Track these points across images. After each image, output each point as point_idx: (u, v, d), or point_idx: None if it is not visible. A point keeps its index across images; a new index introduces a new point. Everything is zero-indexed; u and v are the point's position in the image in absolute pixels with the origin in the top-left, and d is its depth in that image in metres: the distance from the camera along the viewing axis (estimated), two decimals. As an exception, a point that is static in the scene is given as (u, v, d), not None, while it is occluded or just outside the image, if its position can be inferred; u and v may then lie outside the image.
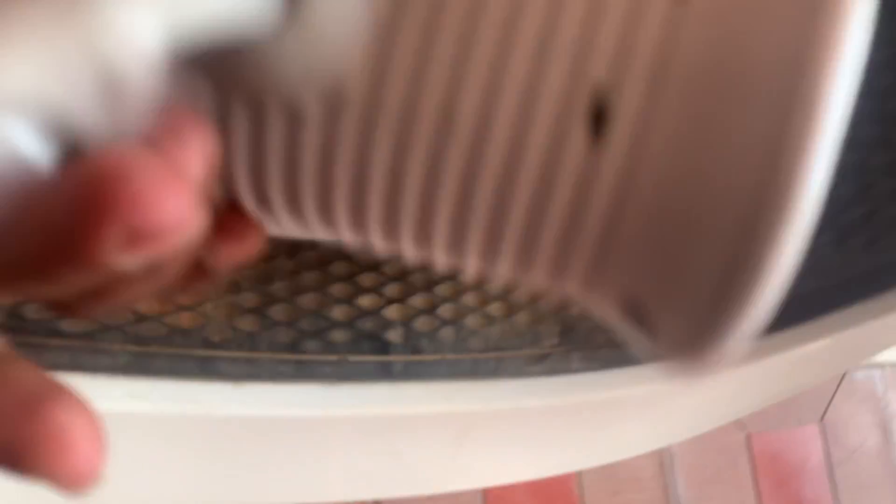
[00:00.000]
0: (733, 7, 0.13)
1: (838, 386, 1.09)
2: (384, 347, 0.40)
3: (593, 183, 0.13)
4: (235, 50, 0.11)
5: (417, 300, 0.40)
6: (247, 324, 0.38)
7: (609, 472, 1.00)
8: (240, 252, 0.16)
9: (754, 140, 0.12)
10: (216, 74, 0.12)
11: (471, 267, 0.16)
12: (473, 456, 0.45)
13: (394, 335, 0.40)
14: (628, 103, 0.13)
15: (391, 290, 0.40)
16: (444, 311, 0.40)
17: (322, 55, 0.12)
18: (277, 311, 0.38)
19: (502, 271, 0.15)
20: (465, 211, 0.14)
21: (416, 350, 0.40)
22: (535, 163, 0.13)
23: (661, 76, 0.13)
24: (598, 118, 0.13)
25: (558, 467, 0.52)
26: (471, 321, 0.41)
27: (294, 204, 0.15)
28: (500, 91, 0.13)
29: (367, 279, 0.39)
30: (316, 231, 0.16)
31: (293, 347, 0.39)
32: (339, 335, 0.39)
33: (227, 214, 0.16)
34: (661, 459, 1.03)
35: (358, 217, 0.15)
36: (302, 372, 0.38)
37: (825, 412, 1.11)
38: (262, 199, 0.15)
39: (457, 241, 0.15)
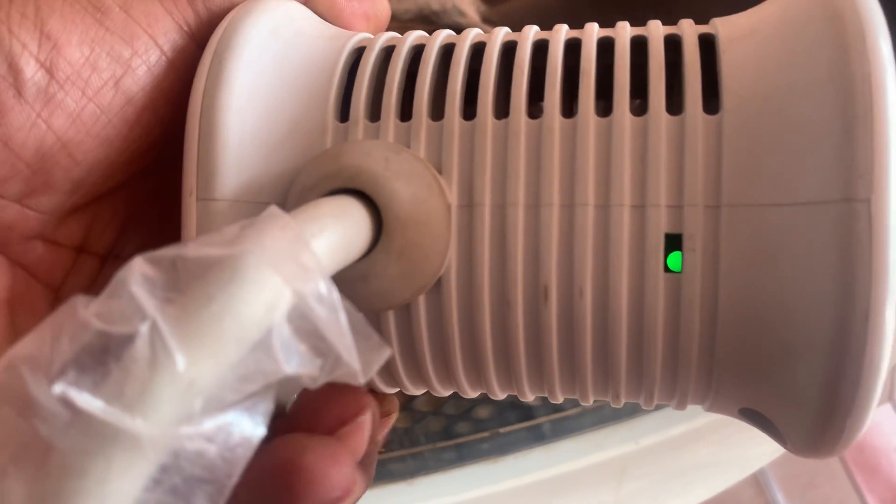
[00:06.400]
0: (765, 117, 0.14)
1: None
2: (528, 412, 0.40)
3: (681, 311, 0.15)
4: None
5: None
6: (399, 421, 0.38)
7: None
8: (388, 425, 0.19)
9: (825, 258, 0.13)
10: None
11: (589, 401, 0.17)
12: (633, 496, 0.45)
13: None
14: (693, 236, 0.14)
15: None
16: (570, 364, 0.41)
17: (411, 266, 0.15)
18: (421, 403, 0.39)
19: (621, 402, 0.17)
20: (572, 362, 0.16)
21: (556, 408, 0.41)
22: (624, 307, 0.15)
23: (715, 207, 0.14)
24: (670, 250, 0.15)
25: (707, 492, 0.51)
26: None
27: (419, 380, 0.17)
28: (580, 261, 0.15)
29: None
30: (436, 390, 0.18)
31: (448, 433, 0.39)
32: (483, 411, 0.40)
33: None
34: (756, 480, 1.02)
35: (476, 379, 0.17)
36: (463, 455, 0.39)
37: (892, 389, 1.11)
38: (392, 382, 0.18)
39: (572, 387, 0.17)
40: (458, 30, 0.18)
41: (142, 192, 0.18)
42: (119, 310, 0.09)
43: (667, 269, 0.15)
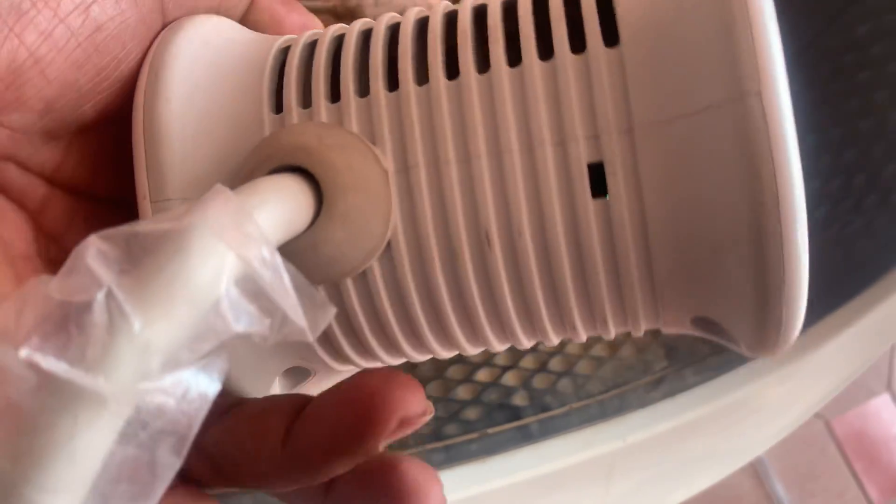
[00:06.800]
0: (662, 38, 0.16)
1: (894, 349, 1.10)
2: (516, 413, 0.41)
3: (614, 233, 0.16)
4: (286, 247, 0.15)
5: (527, 361, 0.41)
6: (388, 425, 0.39)
7: (709, 498, 0.98)
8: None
9: (730, 155, 0.15)
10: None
11: (552, 340, 0.18)
12: (623, 493, 0.45)
13: (519, 399, 0.41)
14: (612, 161, 0.16)
15: (500, 358, 0.41)
16: (554, 364, 0.42)
17: (356, 229, 0.16)
18: (410, 406, 0.39)
19: (581, 335, 0.18)
20: (525, 301, 0.17)
21: (544, 408, 0.41)
22: (562, 239, 0.16)
23: (628, 131, 0.15)
24: (598, 181, 0.16)
25: (698, 487, 0.52)
26: (581, 367, 0.42)
27: (391, 347, 0.18)
28: (515, 204, 0.16)
29: (476, 355, 0.40)
30: (411, 357, 0.19)
31: (436, 435, 0.40)
32: (471, 413, 0.40)
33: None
34: (755, 471, 1.02)
35: (442, 336, 0.18)
36: (452, 456, 0.39)
37: (890, 378, 1.12)
38: (367, 355, 0.19)
39: (531, 326, 0.18)
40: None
41: (111, 138, 0.19)
42: (77, 282, 0.10)
43: (594, 197, 0.16)
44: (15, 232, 0.18)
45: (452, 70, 0.17)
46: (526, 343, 0.18)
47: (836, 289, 0.45)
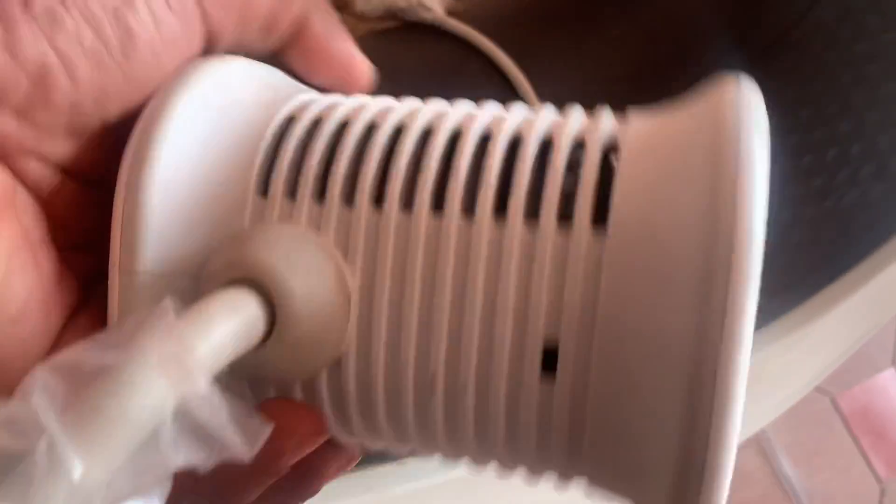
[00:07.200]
0: (639, 254, 0.15)
1: (900, 323, 1.09)
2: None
3: (553, 414, 0.16)
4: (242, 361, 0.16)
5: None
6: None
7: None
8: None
9: (675, 390, 0.14)
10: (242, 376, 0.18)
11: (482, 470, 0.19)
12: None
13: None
14: (567, 346, 0.15)
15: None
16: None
17: (305, 355, 0.16)
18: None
19: (508, 478, 0.18)
20: (457, 445, 0.17)
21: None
22: (502, 406, 0.16)
23: (588, 323, 0.15)
24: (548, 357, 0.16)
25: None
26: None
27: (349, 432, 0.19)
28: (466, 360, 0.16)
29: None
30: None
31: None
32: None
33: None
34: (761, 448, 1.02)
35: (380, 444, 0.19)
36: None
37: None
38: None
39: (480, 458, 0.18)
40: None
41: (129, 132, 0.19)
42: (21, 422, 0.11)
43: (543, 371, 0.16)
44: (32, 220, 0.18)
45: (440, 199, 0.16)
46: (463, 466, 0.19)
47: (834, 260, 0.45)
